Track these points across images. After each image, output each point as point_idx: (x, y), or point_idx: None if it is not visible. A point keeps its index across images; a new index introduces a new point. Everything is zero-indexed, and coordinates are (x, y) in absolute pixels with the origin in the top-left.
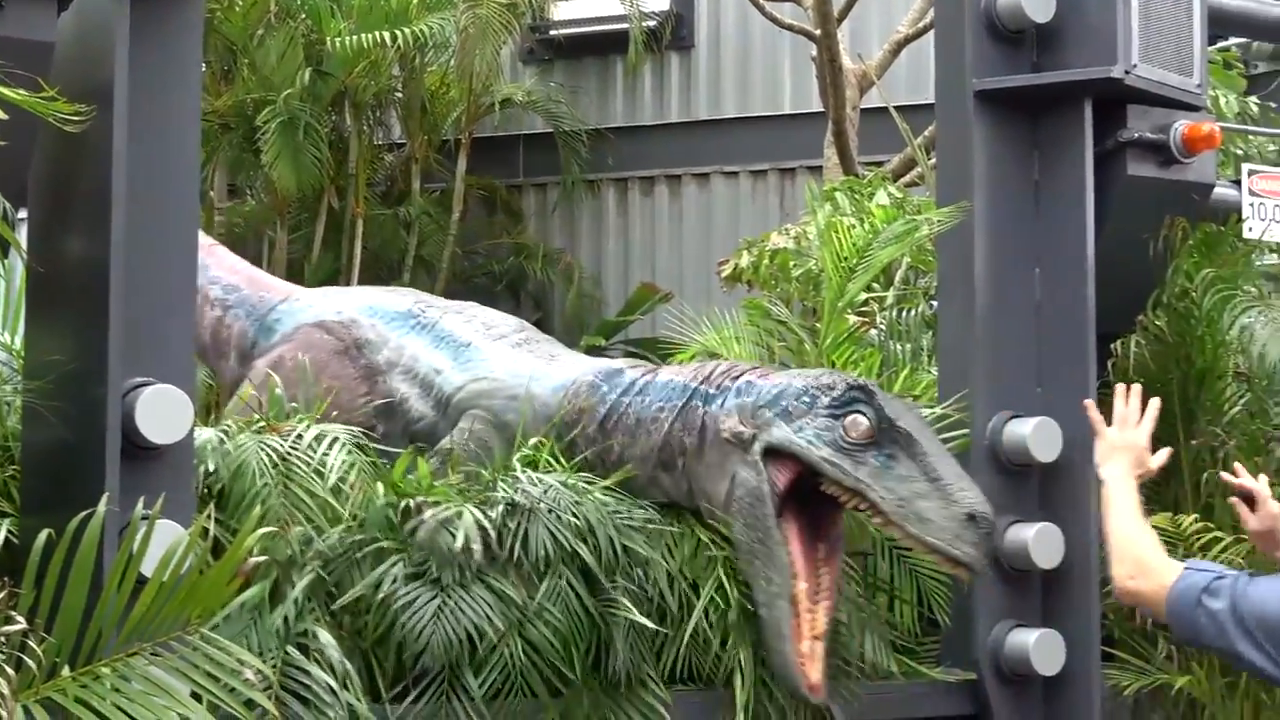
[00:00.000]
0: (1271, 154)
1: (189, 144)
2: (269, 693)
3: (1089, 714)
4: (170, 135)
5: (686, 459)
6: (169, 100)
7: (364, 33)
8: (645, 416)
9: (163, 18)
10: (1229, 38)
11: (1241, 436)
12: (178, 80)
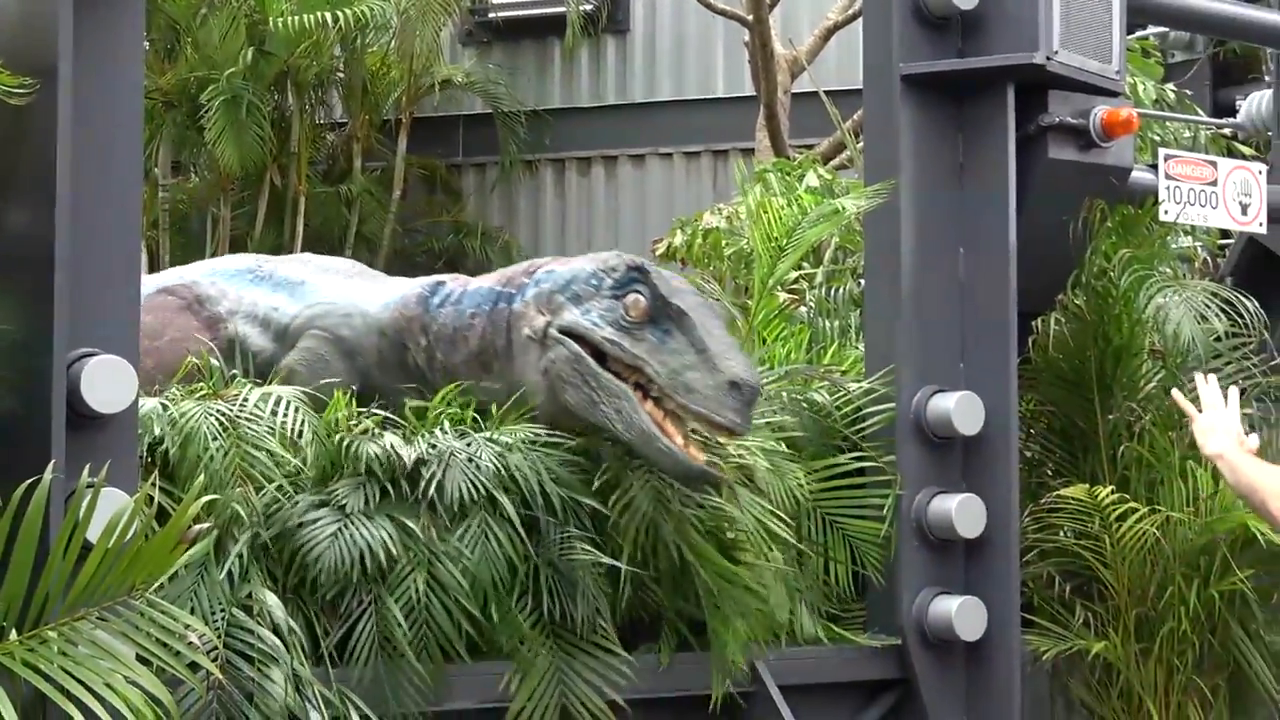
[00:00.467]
0: (1187, 139)
1: (132, 120)
2: (214, 654)
3: (1009, 678)
4: (113, 111)
5: (500, 360)
6: (112, 76)
7: (306, 13)
8: (461, 324)
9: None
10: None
11: (1157, 412)
12: (121, 56)
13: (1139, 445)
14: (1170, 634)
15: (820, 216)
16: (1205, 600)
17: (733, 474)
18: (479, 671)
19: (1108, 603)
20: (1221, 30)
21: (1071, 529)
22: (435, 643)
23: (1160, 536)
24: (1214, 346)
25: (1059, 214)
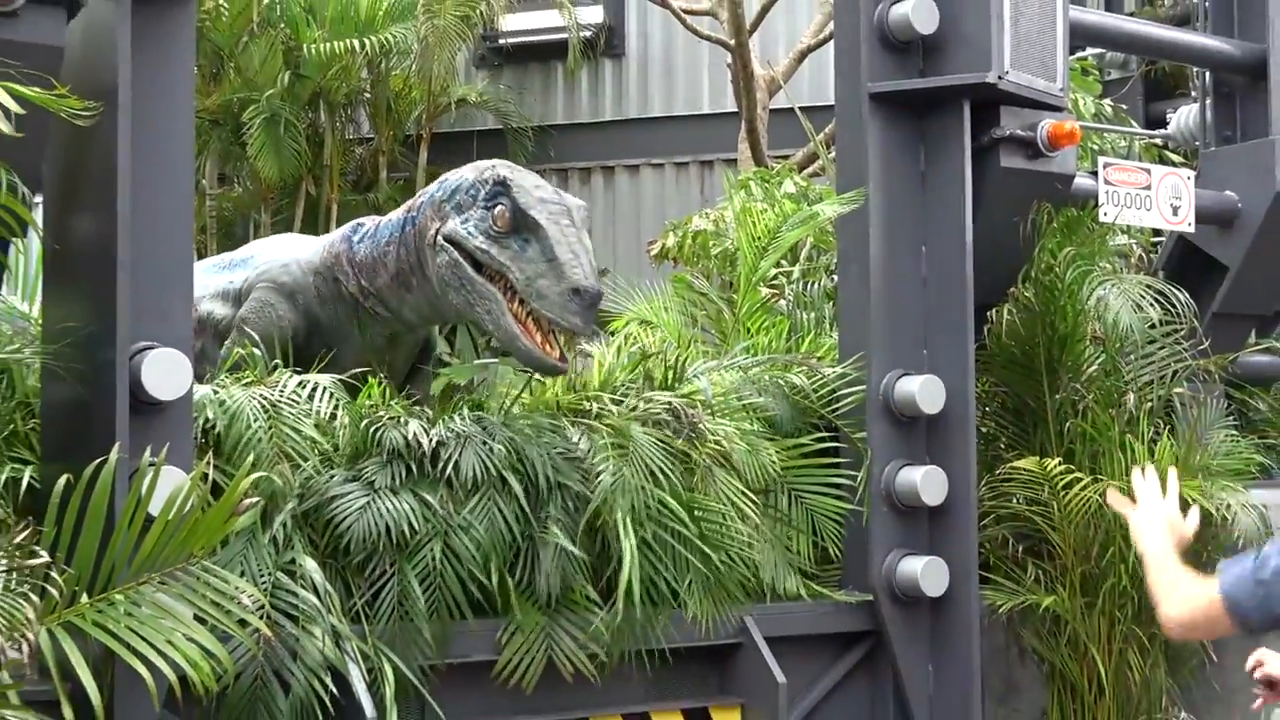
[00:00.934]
0: (1123, 149)
1: (184, 136)
2: (261, 613)
3: (969, 630)
4: (167, 129)
5: (417, 276)
6: (166, 98)
7: (336, 40)
8: (379, 252)
9: (159, 25)
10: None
11: (1098, 391)
12: (174, 80)
13: (1083, 421)
14: (1112, 589)
15: (798, 220)
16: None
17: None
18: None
19: (1056, 561)
20: (1152, 51)
21: (1023, 496)
22: (445, 604)
23: (1102, 502)
24: (1149, 333)
25: (1010, 216)
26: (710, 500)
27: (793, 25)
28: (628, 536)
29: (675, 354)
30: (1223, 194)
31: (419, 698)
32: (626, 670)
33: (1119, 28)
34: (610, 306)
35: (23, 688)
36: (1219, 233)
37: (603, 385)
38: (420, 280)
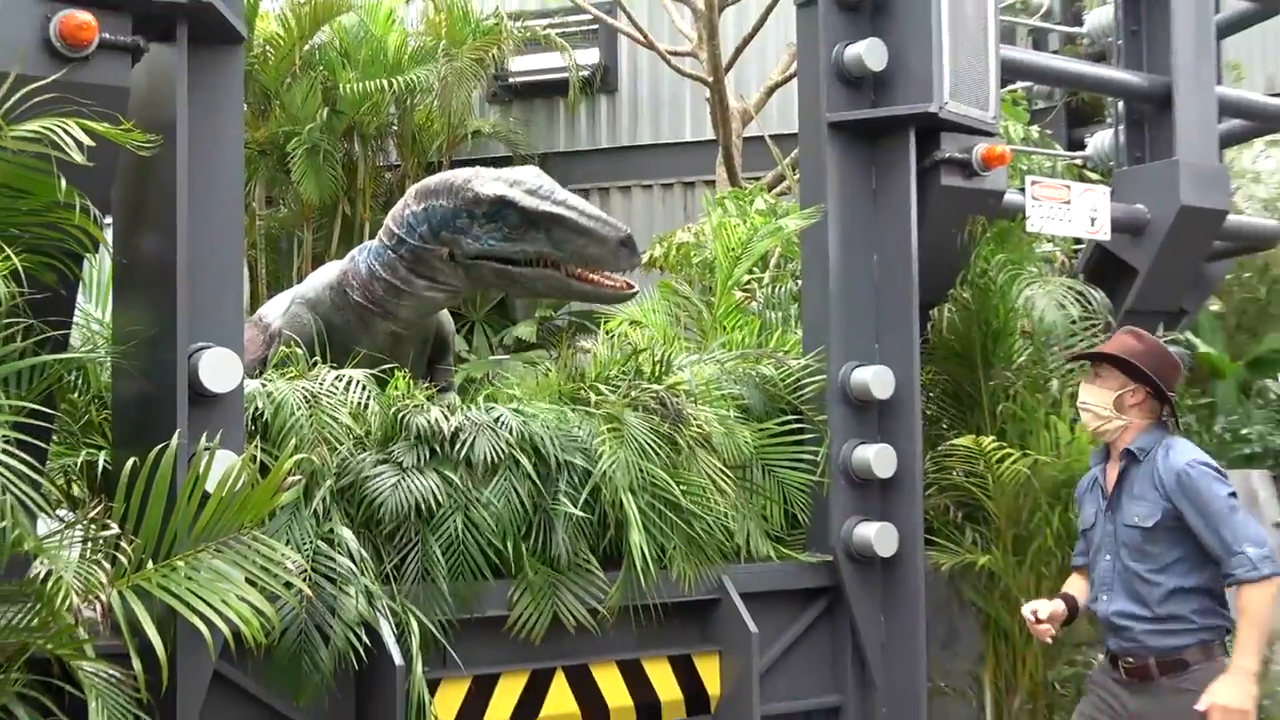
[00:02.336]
0: (1048, 169)
1: (234, 164)
2: (304, 576)
3: (916, 585)
4: (219, 158)
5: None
6: (218, 132)
7: (368, 80)
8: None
9: (212, 68)
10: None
11: (1027, 379)
12: (224, 116)
13: (1013, 404)
14: (1039, 549)
15: (767, 232)
16: (1065, 522)
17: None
18: (497, 588)
19: (991, 526)
20: (1073, 83)
21: (962, 469)
22: (467, 566)
23: (1030, 474)
24: (1070, 328)
25: (950, 228)
26: (693, 475)
27: (763, 65)
28: (631, 507)
29: (662, 350)
30: (1134, 207)
31: (440, 648)
32: (621, 623)
33: (1044, 64)
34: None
35: (97, 642)
36: (1130, 240)
37: (599, 377)
38: (407, 290)
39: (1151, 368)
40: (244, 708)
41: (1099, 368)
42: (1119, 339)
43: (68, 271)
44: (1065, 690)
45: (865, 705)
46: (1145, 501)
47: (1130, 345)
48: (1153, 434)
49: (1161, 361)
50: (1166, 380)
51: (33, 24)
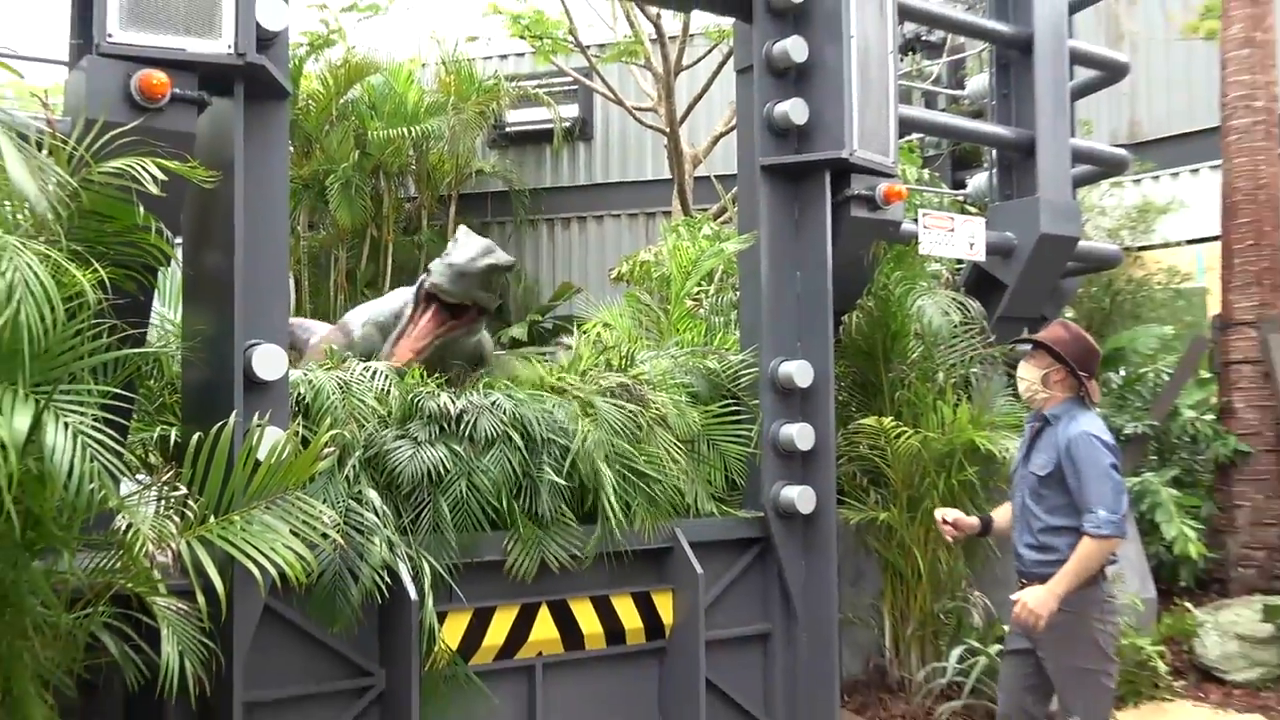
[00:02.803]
0: (936, 203)
1: (280, 196)
2: (338, 528)
3: (829, 536)
4: (269, 190)
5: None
6: (268, 169)
7: (391, 129)
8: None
9: (264, 118)
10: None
11: (918, 371)
12: (273, 157)
13: (908, 392)
14: (928, 507)
15: (712, 253)
16: (949, 486)
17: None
18: (495, 539)
19: (889, 489)
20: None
21: (867, 444)
22: (470, 521)
23: (921, 447)
24: (954, 331)
25: (858, 250)
26: (652, 448)
27: (709, 119)
28: (602, 473)
29: (627, 347)
30: (1004, 234)
31: (447, 587)
32: (593, 566)
33: (934, 120)
34: (581, 314)
35: (168, 582)
36: (1001, 261)
37: (575, 369)
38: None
39: (1070, 353)
40: (288, 635)
41: (1034, 350)
42: (1051, 329)
43: (145, 281)
44: (947, 619)
45: (789, 632)
46: (1045, 455)
47: (1058, 334)
48: (1066, 405)
49: (1080, 349)
50: (1083, 364)
51: (117, 81)
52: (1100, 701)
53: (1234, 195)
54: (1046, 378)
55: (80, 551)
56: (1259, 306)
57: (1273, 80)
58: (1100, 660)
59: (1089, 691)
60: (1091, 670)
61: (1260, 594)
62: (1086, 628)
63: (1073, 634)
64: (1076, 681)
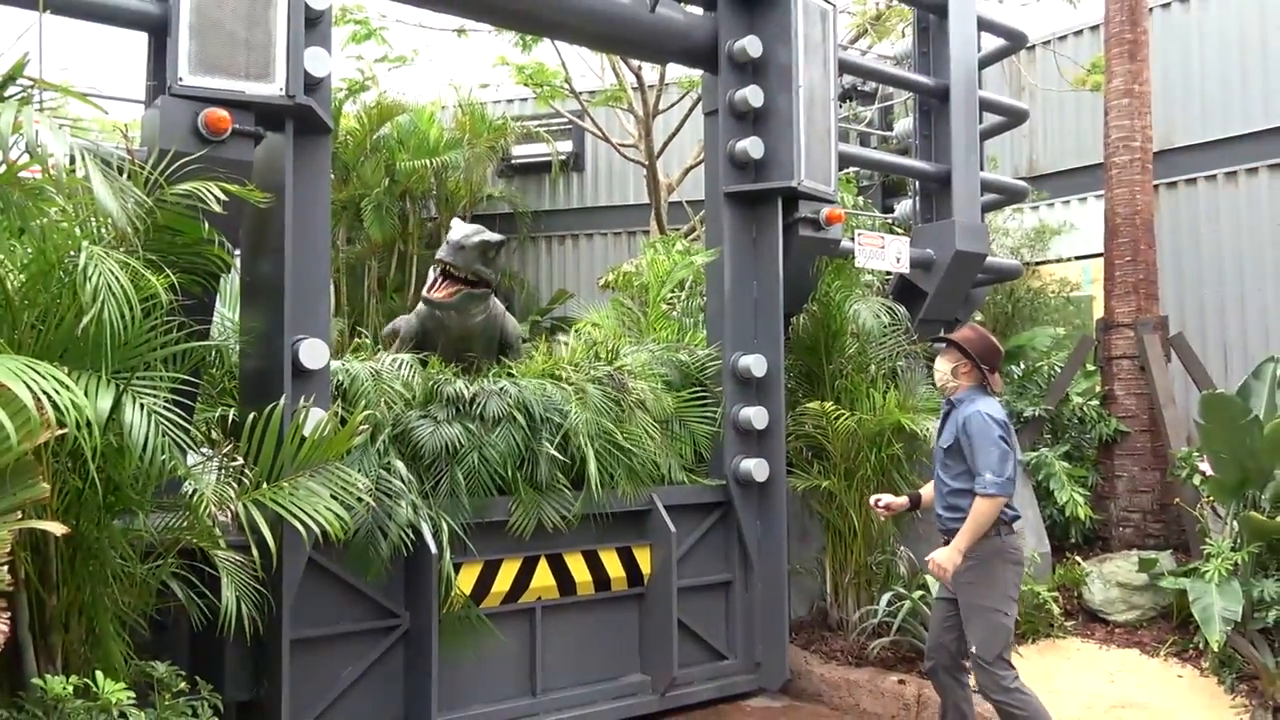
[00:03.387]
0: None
1: (324, 215)
2: (370, 493)
3: (780, 501)
4: (313, 210)
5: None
6: (313, 192)
7: (416, 160)
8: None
9: (310, 149)
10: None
11: (854, 364)
12: (318, 182)
13: (845, 381)
14: (862, 476)
15: (683, 265)
16: (878, 459)
17: (634, 400)
18: (501, 502)
19: (830, 461)
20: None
21: (812, 424)
22: (480, 487)
23: (856, 427)
24: (883, 331)
25: (804, 264)
26: (632, 427)
27: (682, 153)
28: (589, 449)
29: (612, 342)
30: (925, 251)
31: (462, 542)
32: (583, 525)
33: (867, 156)
34: (573, 314)
35: (228, 537)
36: (923, 274)
37: (568, 361)
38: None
39: (976, 350)
40: (329, 582)
41: (947, 347)
42: (961, 330)
43: (208, 286)
44: (878, 570)
45: (747, 580)
46: (949, 431)
47: (966, 335)
48: (970, 391)
49: (984, 347)
50: (985, 359)
51: (186, 118)
52: (996, 636)
53: (1115, 219)
54: (956, 370)
55: (153, 512)
56: (1136, 311)
57: (1148, 125)
58: (1000, 601)
59: (987, 626)
60: (991, 609)
61: (1137, 549)
62: (991, 573)
63: (980, 578)
64: (979, 618)
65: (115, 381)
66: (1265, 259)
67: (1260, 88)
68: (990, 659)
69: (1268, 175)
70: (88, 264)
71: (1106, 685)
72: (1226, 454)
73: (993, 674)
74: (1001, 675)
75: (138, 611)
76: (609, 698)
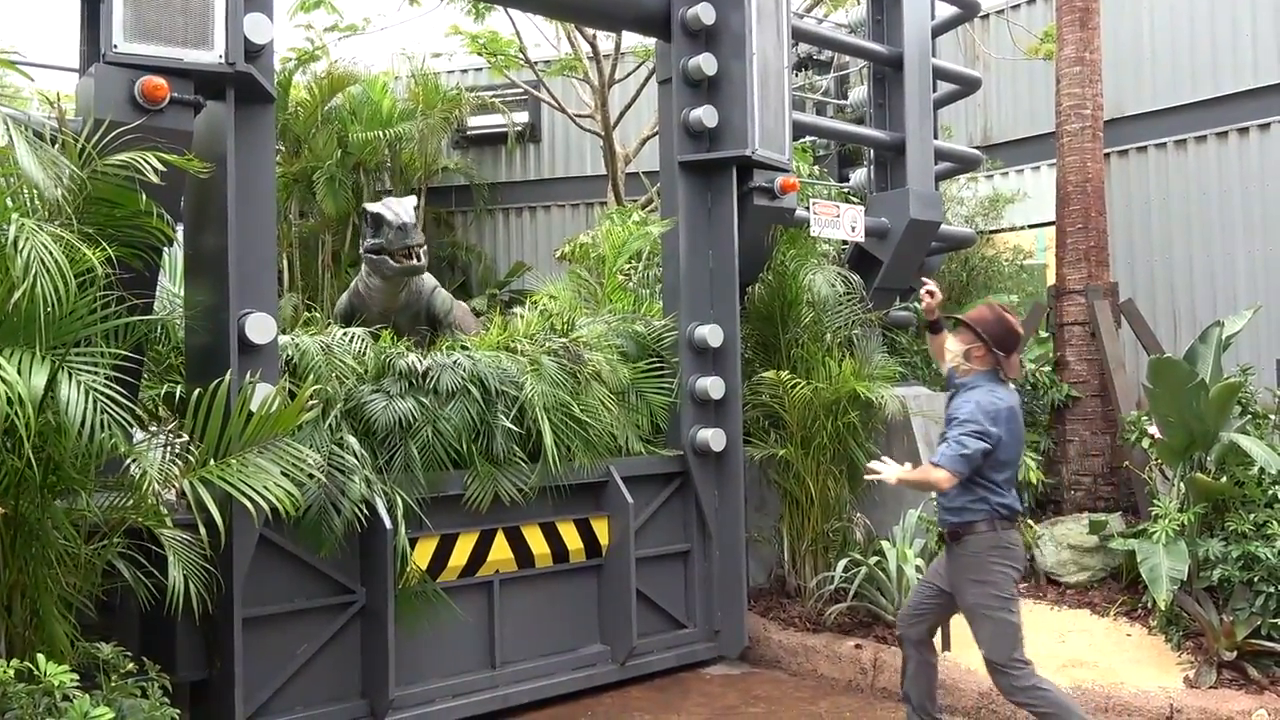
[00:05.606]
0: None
1: (268, 185)
2: (322, 470)
3: (737, 470)
4: (257, 180)
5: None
6: (256, 162)
7: (368, 131)
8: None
9: (252, 118)
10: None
11: (810, 333)
12: (260, 151)
13: (801, 350)
14: (819, 444)
15: (639, 235)
16: (834, 427)
17: (590, 372)
18: (456, 476)
19: (787, 430)
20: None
21: (768, 393)
22: (435, 462)
23: (812, 396)
24: (839, 299)
25: (759, 233)
26: (589, 399)
27: (638, 124)
28: (545, 421)
29: (568, 314)
30: (880, 219)
31: (418, 517)
32: (540, 498)
33: (822, 125)
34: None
35: (174, 516)
36: (878, 242)
37: (524, 333)
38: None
39: (990, 333)
40: (281, 560)
41: (960, 327)
42: (978, 310)
43: (149, 260)
44: (835, 537)
45: (705, 549)
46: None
47: (982, 315)
48: (979, 377)
49: (1001, 330)
50: (1000, 343)
51: (122, 86)
52: (1003, 636)
53: (1067, 187)
54: (969, 352)
55: (97, 491)
56: (1087, 278)
57: (1099, 93)
58: (1000, 601)
59: (992, 627)
60: (995, 609)
61: (1088, 512)
62: (985, 571)
63: (975, 577)
64: (982, 620)
65: (50, 358)
66: (1213, 226)
67: (1209, 56)
68: (1003, 660)
69: (1216, 143)
70: (17, 236)
71: (1058, 645)
72: (1174, 417)
73: (1007, 674)
74: (1016, 675)
75: (84, 593)
76: (569, 669)
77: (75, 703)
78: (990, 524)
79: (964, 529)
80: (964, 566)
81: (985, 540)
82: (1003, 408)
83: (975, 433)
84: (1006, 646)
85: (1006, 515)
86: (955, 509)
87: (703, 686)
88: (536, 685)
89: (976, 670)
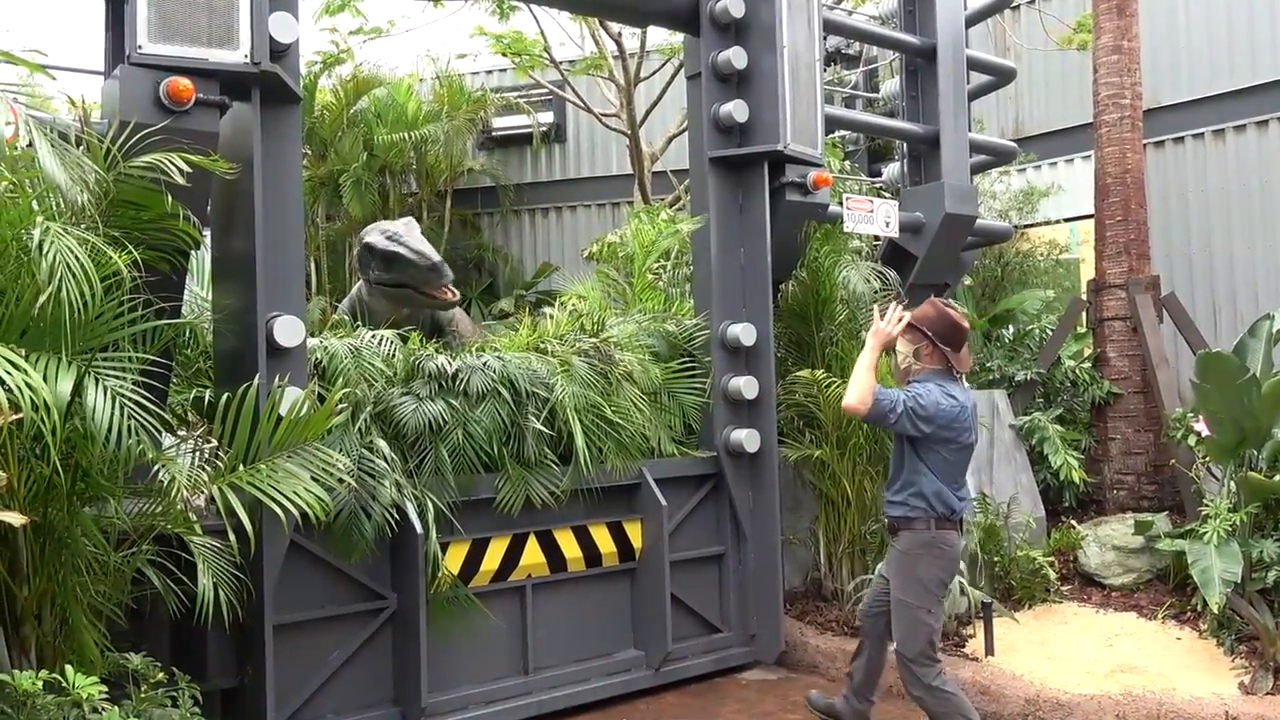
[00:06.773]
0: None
1: (295, 186)
2: (351, 474)
3: (772, 471)
4: (284, 182)
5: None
6: (283, 164)
7: (394, 134)
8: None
9: (279, 119)
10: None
11: (844, 331)
12: (287, 153)
13: (836, 349)
14: (855, 445)
15: (668, 234)
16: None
17: (621, 373)
18: (488, 479)
19: (822, 430)
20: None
21: (803, 393)
22: (466, 465)
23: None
24: (873, 296)
25: (792, 229)
26: (620, 400)
27: (664, 122)
28: (576, 423)
29: (598, 315)
30: (914, 214)
31: (449, 521)
32: (573, 500)
33: (854, 119)
34: (558, 287)
35: (204, 523)
36: (912, 237)
37: (553, 334)
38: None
39: (934, 330)
40: (312, 566)
41: (907, 328)
42: (921, 308)
43: (176, 263)
44: (872, 539)
45: (740, 552)
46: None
47: (925, 313)
48: (929, 374)
49: (944, 325)
50: (946, 338)
51: (147, 87)
52: (916, 634)
53: (1105, 178)
54: (917, 352)
55: (126, 498)
56: (1127, 271)
57: (1137, 81)
58: (923, 598)
59: (908, 623)
60: (914, 605)
61: (1132, 512)
62: (916, 568)
63: (904, 572)
64: (901, 613)
65: (77, 363)
66: (1254, 218)
67: (1247, 44)
68: (912, 655)
69: (1256, 133)
70: (43, 240)
71: (1105, 649)
72: (1224, 414)
73: (913, 670)
74: (922, 672)
75: (113, 601)
76: (603, 674)
77: (104, 715)
78: (927, 522)
79: (901, 524)
80: (896, 560)
81: (920, 538)
82: (950, 408)
83: (913, 410)
84: (918, 643)
85: (946, 515)
86: (896, 503)
87: (739, 692)
88: (570, 691)
89: (1021, 676)
